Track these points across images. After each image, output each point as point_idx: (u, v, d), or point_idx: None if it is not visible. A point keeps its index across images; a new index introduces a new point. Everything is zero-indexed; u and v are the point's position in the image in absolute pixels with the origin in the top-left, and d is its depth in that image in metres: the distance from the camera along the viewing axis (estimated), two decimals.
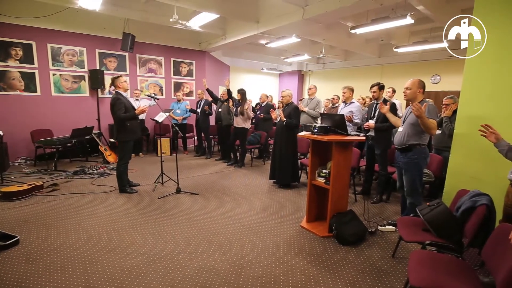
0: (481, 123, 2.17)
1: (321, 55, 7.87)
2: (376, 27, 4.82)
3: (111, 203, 3.69)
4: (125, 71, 6.97)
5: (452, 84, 7.34)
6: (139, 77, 7.24)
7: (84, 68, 6.40)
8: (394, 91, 5.37)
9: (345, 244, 2.74)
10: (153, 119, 4.94)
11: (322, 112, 5.45)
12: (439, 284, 1.56)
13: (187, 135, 7.20)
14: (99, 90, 6.55)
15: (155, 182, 4.43)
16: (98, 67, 6.54)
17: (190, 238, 2.80)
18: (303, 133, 3.18)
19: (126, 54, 6.85)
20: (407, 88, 2.80)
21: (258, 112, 6.76)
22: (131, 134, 3.93)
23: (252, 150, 6.40)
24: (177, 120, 6.59)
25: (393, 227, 3.04)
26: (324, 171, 3.03)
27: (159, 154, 4.99)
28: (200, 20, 5.66)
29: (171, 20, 4.94)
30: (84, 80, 6.45)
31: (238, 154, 6.00)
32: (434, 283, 1.58)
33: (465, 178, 2.82)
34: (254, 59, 9.93)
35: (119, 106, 3.75)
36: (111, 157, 5.78)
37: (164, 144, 6.63)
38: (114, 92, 3.90)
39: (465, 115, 2.87)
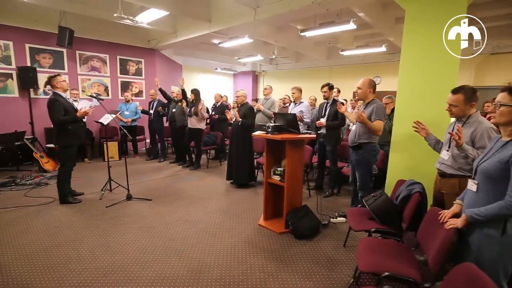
0: (414, 120, 2.43)
1: (273, 56, 8.08)
2: (323, 30, 5.11)
3: (50, 216, 3.31)
4: (63, 69, 6.29)
5: (391, 85, 8.10)
6: (80, 75, 6.60)
7: (11, 64, 5.62)
8: (339, 91, 5.77)
9: (301, 238, 2.85)
10: (97, 122, 4.53)
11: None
12: (382, 267, 1.71)
13: (137, 137, 6.80)
14: (31, 89, 5.81)
15: (102, 189, 4.09)
16: (29, 64, 5.79)
17: (143, 247, 2.65)
18: (257, 133, 3.22)
19: (64, 50, 6.19)
20: (358, 88, 3.00)
21: (212, 113, 6.66)
22: (74, 138, 3.59)
23: (208, 151, 6.29)
24: (125, 122, 6.18)
25: (344, 219, 3.25)
26: (279, 169, 3.11)
27: (106, 159, 4.61)
28: (149, 17, 5.36)
29: (115, 15, 4.61)
30: (12, 79, 5.66)
31: (193, 155, 5.85)
32: (379, 266, 1.74)
33: (403, 169, 3.13)
34: (207, 58, 9.75)
35: (58, 108, 3.40)
36: (48, 164, 5.18)
37: (112, 148, 6.16)
38: (51, 92, 3.51)
39: (401, 113, 3.19)
